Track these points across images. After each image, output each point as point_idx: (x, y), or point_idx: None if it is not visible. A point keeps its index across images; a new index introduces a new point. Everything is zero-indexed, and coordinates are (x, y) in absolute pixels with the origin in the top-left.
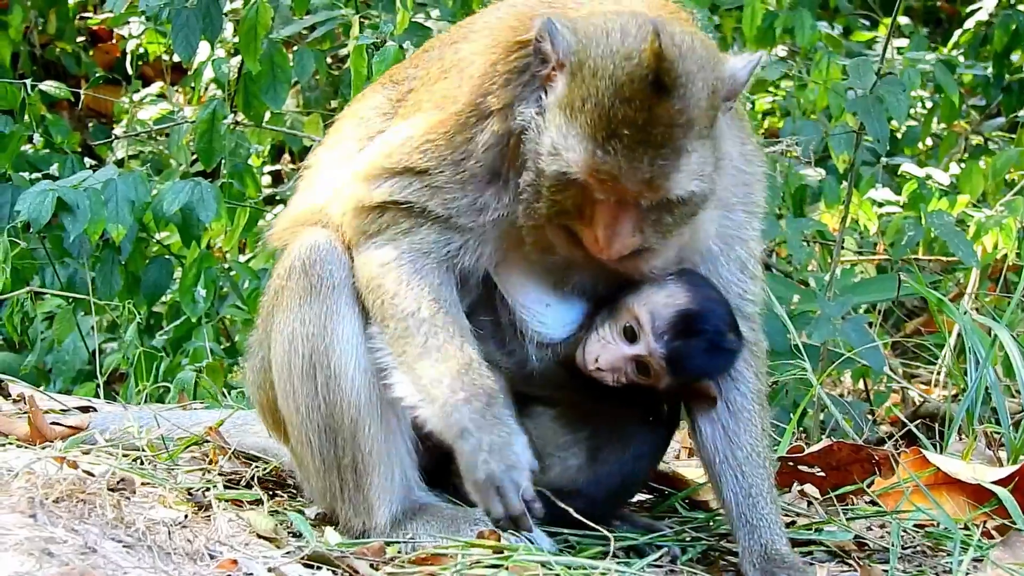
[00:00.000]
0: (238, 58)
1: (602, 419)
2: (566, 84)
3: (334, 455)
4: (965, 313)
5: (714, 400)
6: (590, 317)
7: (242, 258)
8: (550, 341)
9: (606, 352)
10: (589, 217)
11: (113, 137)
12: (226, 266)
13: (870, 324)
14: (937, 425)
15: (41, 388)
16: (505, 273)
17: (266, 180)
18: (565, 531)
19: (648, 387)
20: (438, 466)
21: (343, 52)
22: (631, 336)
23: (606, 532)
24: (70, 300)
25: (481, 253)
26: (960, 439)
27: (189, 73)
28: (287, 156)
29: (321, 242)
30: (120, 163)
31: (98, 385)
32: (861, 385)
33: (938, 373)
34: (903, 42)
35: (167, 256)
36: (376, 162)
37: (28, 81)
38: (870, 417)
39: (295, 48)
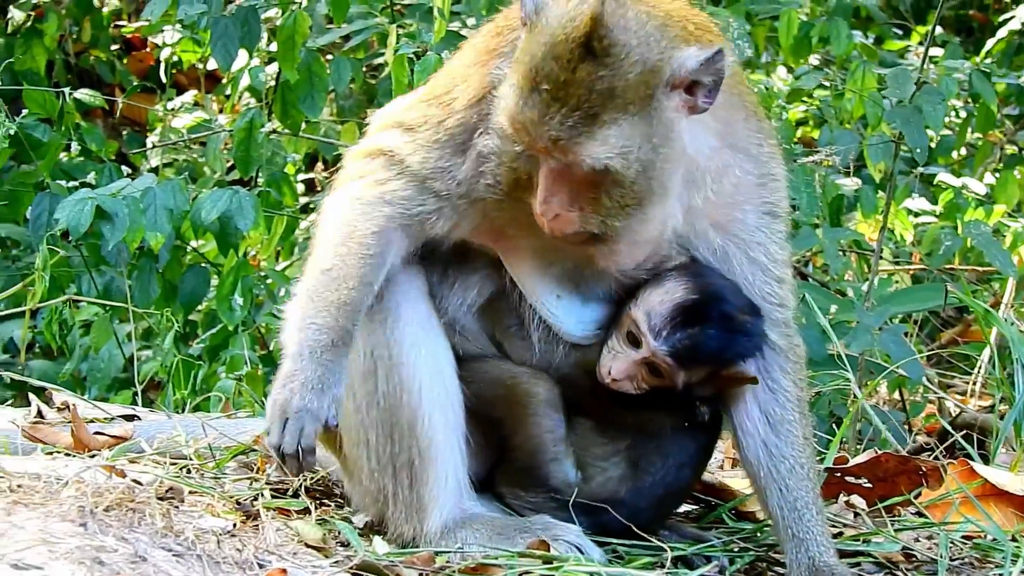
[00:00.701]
0: (273, 66)
1: (641, 428)
2: (523, 41)
3: (390, 453)
4: (1012, 324)
5: (753, 380)
6: (607, 328)
7: (278, 266)
8: (567, 337)
9: (617, 362)
10: (533, 185)
11: (151, 145)
12: (262, 274)
13: (907, 334)
14: (975, 435)
15: (85, 398)
16: (517, 261)
17: (300, 188)
18: (614, 541)
19: (674, 388)
20: (488, 475)
21: (377, 61)
22: (635, 341)
23: (660, 542)
24: (107, 308)
25: (457, 224)
26: (1006, 451)
27: (223, 81)
28: (321, 164)
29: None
30: (155, 171)
31: (135, 393)
32: (897, 395)
33: (974, 383)
34: (937, 51)
35: (203, 264)
36: (376, 121)
37: (66, 89)
38: (906, 427)
39: (330, 57)
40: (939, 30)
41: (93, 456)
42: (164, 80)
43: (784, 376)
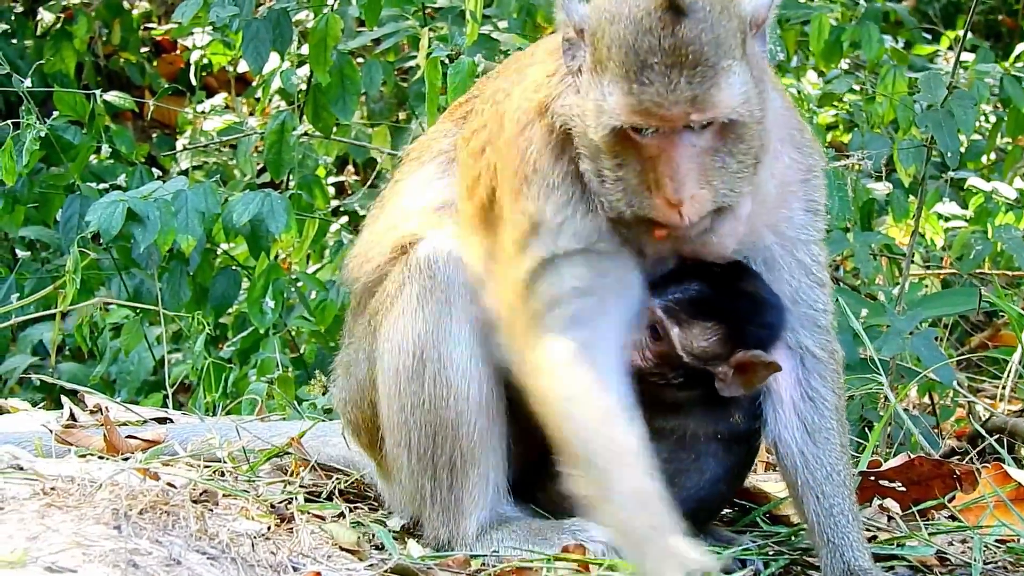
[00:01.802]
0: (304, 69)
1: (679, 441)
2: (589, 46)
3: (432, 453)
4: None
5: (776, 367)
6: None
7: (309, 269)
8: None
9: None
10: (655, 181)
11: (182, 147)
12: (293, 277)
13: (937, 338)
14: (1006, 439)
15: (118, 400)
16: None
17: (331, 191)
18: None
19: (678, 359)
20: (523, 479)
21: (408, 64)
22: (654, 335)
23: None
24: (137, 311)
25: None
26: None
27: (254, 84)
28: (351, 167)
29: (443, 246)
30: (184, 173)
31: (166, 396)
32: (927, 399)
33: (1004, 387)
34: (967, 56)
35: (234, 267)
36: (520, 266)
37: (97, 92)
38: (937, 431)
39: (360, 59)
40: (968, 35)
41: (127, 459)
42: (194, 82)
43: (823, 384)
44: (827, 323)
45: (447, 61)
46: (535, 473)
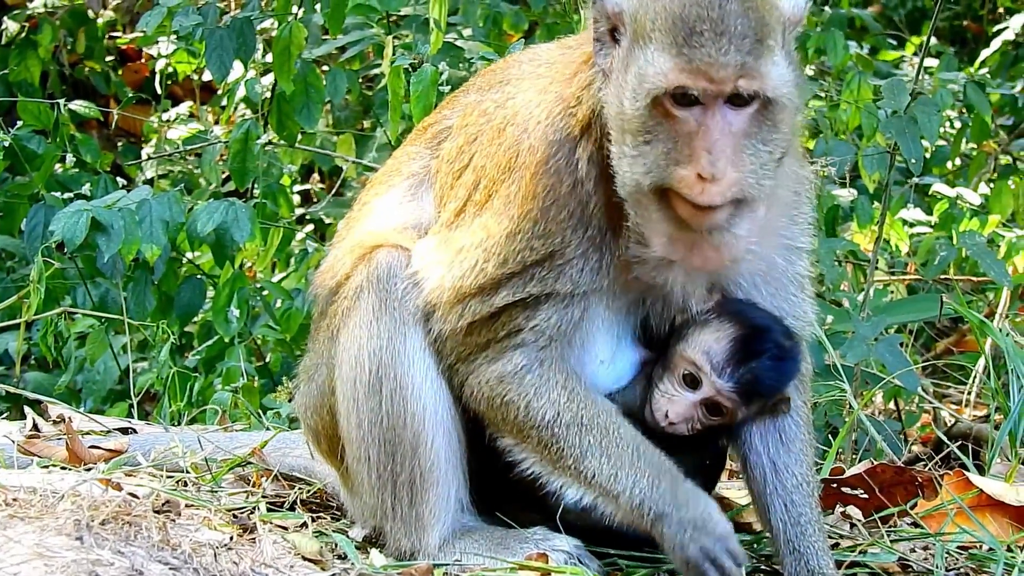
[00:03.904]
0: (268, 78)
1: None
2: (628, 26)
3: (391, 471)
4: (1008, 335)
5: (788, 403)
6: (646, 366)
7: (274, 278)
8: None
9: (674, 405)
10: (687, 155)
11: (146, 157)
12: (258, 286)
13: (902, 344)
14: (970, 445)
15: (81, 410)
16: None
17: (295, 200)
18: (612, 553)
19: (730, 424)
20: (485, 489)
21: (373, 72)
22: (692, 383)
23: (657, 554)
24: (103, 320)
25: (588, 304)
26: (1000, 461)
27: (218, 92)
28: (316, 175)
29: (392, 260)
30: (150, 182)
31: (131, 405)
32: (892, 405)
33: (969, 393)
34: (932, 61)
35: (199, 276)
36: (484, 272)
37: (61, 101)
38: (901, 437)
39: (324, 68)
40: (933, 40)
41: (89, 469)
42: (159, 91)
43: (798, 396)
44: (806, 335)
45: (411, 69)
46: (497, 483)
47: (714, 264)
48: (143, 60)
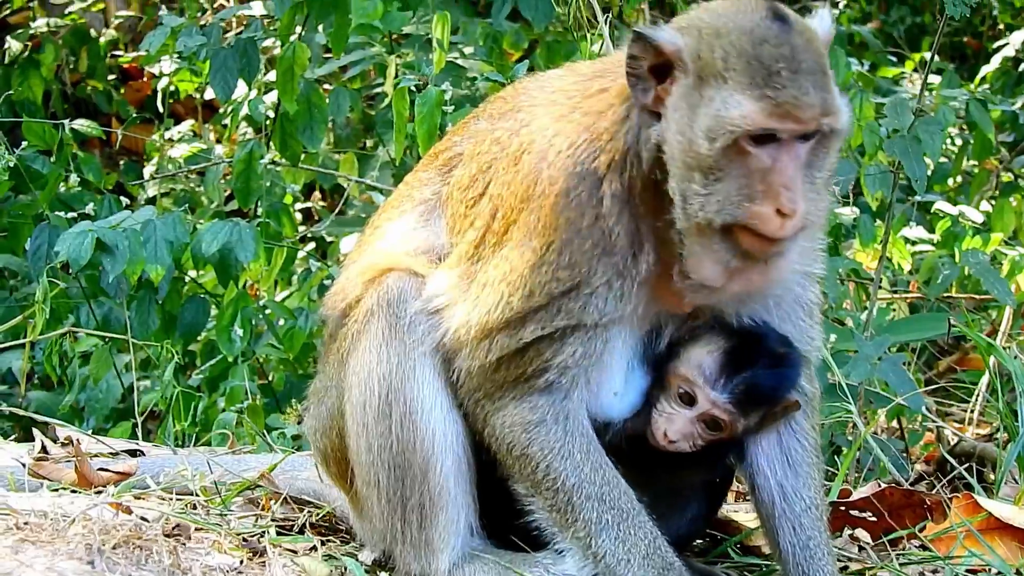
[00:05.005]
0: (271, 96)
1: (669, 486)
2: (690, 66)
3: (401, 495)
4: (1016, 358)
5: (798, 406)
6: (650, 390)
7: (277, 297)
8: (614, 421)
9: (672, 423)
10: (763, 192)
11: (149, 177)
12: (262, 304)
13: (906, 363)
14: (974, 464)
15: (88, 432)
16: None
17: (297, 218)
18: None
19: (731, 439)
20: (495, 512)
21: (375, 91)
22: (688, 399)
23: None
24: (107, 340)
25: (608, 336)
26: (1007, 483)
27: (220, 111)
28: (318, 194)
29: (403, 284)
30: (152, 201)
31: (135, 425)
32: (895, 423)
33: (972, 411)
34: (934, 78)
35: (203, 295)
36: (510, 306)
37: (65, 122)
38: (905, 456)
39: (326, 87)
40: (934, 57)
41: (99, 493)
42: (161, 110)
43: (806, 420)
44: (816, 359)
45: (415, 90)
46: (507, 507)
47: (757, 286)
48: (145, 78)
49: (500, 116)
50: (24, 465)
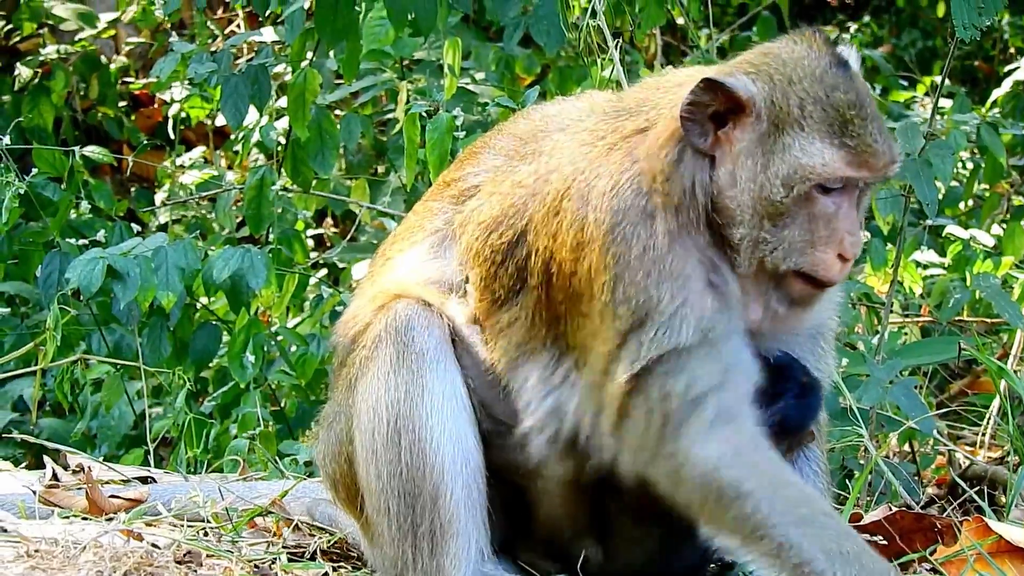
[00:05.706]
0: (282, 123)
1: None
2: (764, 113)
3: (411, 522)
4: None
5: (813, 436)
6: None
7: (289, 323)
8: None
9: None
10: (826, 237)
11: (160, 204)
12: (274, 331)
13: (917, 387)
14: (986, 488)
15: (100, 458)
16: None
17: (309, 244)
18: None
19: None
20: (507, 536)
21: (386, 116)
22: None
23: None
24: (118, 367)
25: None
26: (1017, 506)
27: (232, 138)
28: (330, 220)
29: (411, 312)
30: (164, 228)
31: (147, 452)
32: (907, 447)
33: (983, 435)
34: (945, 102)
35: (214, 322)
36: (602, 352)
37: (76, 149)
38: (917, 479)
39: (338, 113)
40: (946, 81)
41: (110, 520)
42: (172, 136)
43: (817, 445)
44: (829, 386)
45: (426, 116)
46: (517, 530)
47: (794, 327)
48: (156, 105)
49: (520, 157)
50: (35, 492)
